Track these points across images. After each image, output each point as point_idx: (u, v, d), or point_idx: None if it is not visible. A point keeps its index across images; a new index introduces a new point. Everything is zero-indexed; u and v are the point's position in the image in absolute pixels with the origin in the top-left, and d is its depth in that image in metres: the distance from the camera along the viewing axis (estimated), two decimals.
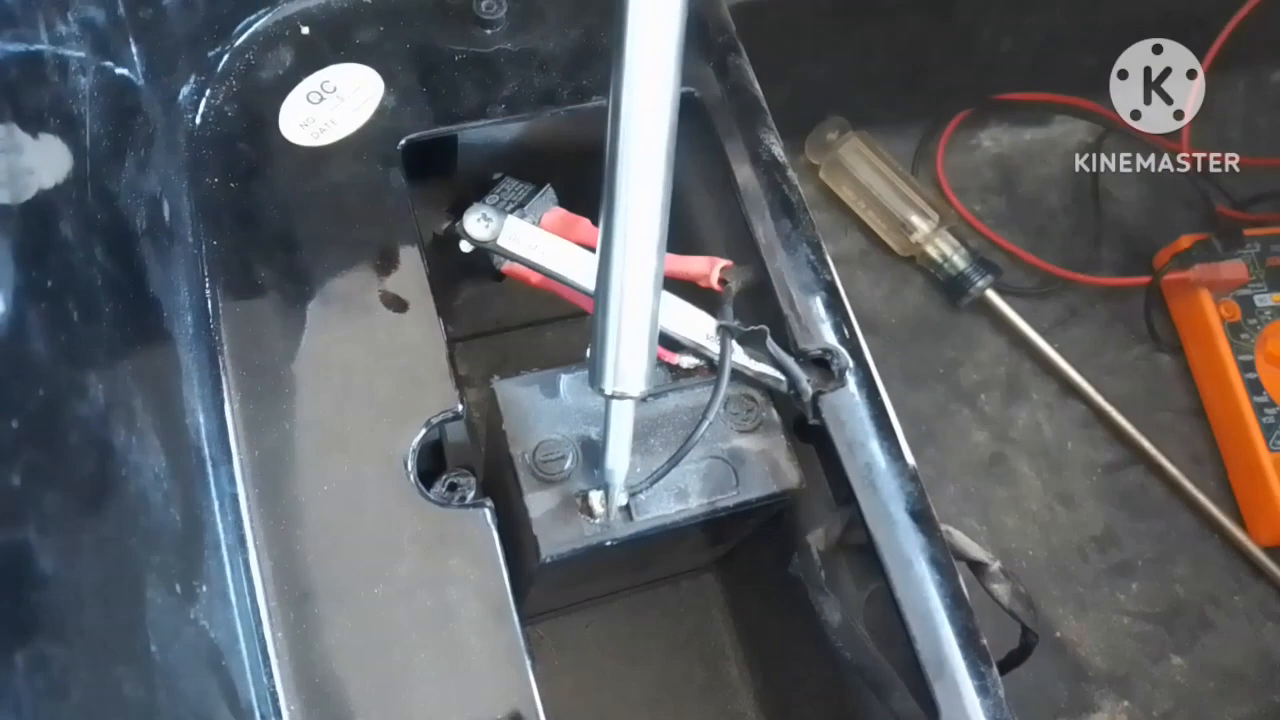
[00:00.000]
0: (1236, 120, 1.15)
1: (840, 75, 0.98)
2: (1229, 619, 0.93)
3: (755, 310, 0.58)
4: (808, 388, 0.54)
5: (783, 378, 0.55)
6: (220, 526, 0.46)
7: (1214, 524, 0.96)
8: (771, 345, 0.54)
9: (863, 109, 1.02)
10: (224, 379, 0.49)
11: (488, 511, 0.49)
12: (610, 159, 0.44)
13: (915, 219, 1.00)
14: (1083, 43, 0.98)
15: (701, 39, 0.64)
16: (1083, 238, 1.08)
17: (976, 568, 0.56)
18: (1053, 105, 1.08)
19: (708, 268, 0.55)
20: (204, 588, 0.43)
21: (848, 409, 0.55)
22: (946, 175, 1.07)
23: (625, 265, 0.45)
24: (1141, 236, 1.08)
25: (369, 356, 0.51)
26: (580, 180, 0.60)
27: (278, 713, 0.44)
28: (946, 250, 1.00)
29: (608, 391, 0.47)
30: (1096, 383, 0.99)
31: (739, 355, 0.54)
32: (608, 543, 0.51)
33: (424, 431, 0.50)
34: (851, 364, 0.56)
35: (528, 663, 0.47)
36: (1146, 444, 0.98)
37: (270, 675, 0.44)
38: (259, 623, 0.45)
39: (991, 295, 1.00)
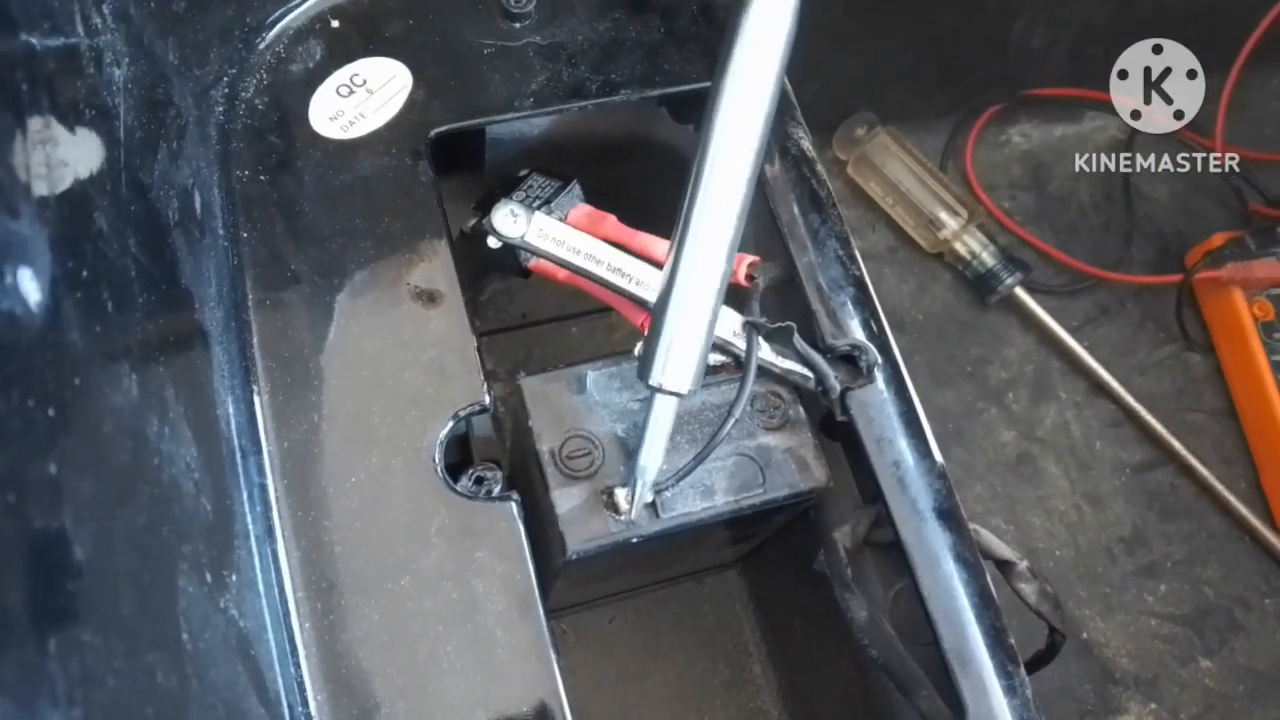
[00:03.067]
0: (1271, 117, 1.14)
1: (869, 70, 0.98)
2: (1259, 622, 0.92)
3: (783, 306, 0.58)
4: (835, 384, 0.54)
5: (810, 375, 0.54)
6: (249, 517, 0.47)
7: (1244, 525, 0.95)
8: (799, 342, 0.53)
9: (891, 104, 1.01)
10: (254, 370, 0.49)
11: (514, 505, 0.49)
12: (698, 166, 0.47)
13: (944, 215, 0.99)
14: (1115, 38, 0.97)
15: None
16: (1113, 235, 1.07)
17: (1004, 567, 0.55)
18: (1084, 101, 1.07)
19: (735, 263, 0.55)
20: (234, 577, 0.43)
21: (876, 406, 0.55)
22: (976, 171, 1.06)
23: (697, 268, 0.47)
24: (1173, 234, 1.07)
25: (397, 349, 0.51)
26: (606, 176, 0.60)
27: (304, 702, 0.44)
28: (975, 247, 0.99)
29: (654, 384, 0.47)
30: (1126, 382, 0.98)
31: (766, 352, 0.53)
32: (633, 540, 0.51)
33: (451, 424, 0.50)
34: (880, 360, 0.56)
35: (553, 656, 0.47)
36: (1176, 444, 0.97)
37: (297, 665, 0.45)
38: (287, 612, 0.45)
39: (1020, 293, 0.99)
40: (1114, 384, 0.98)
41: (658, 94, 0.60)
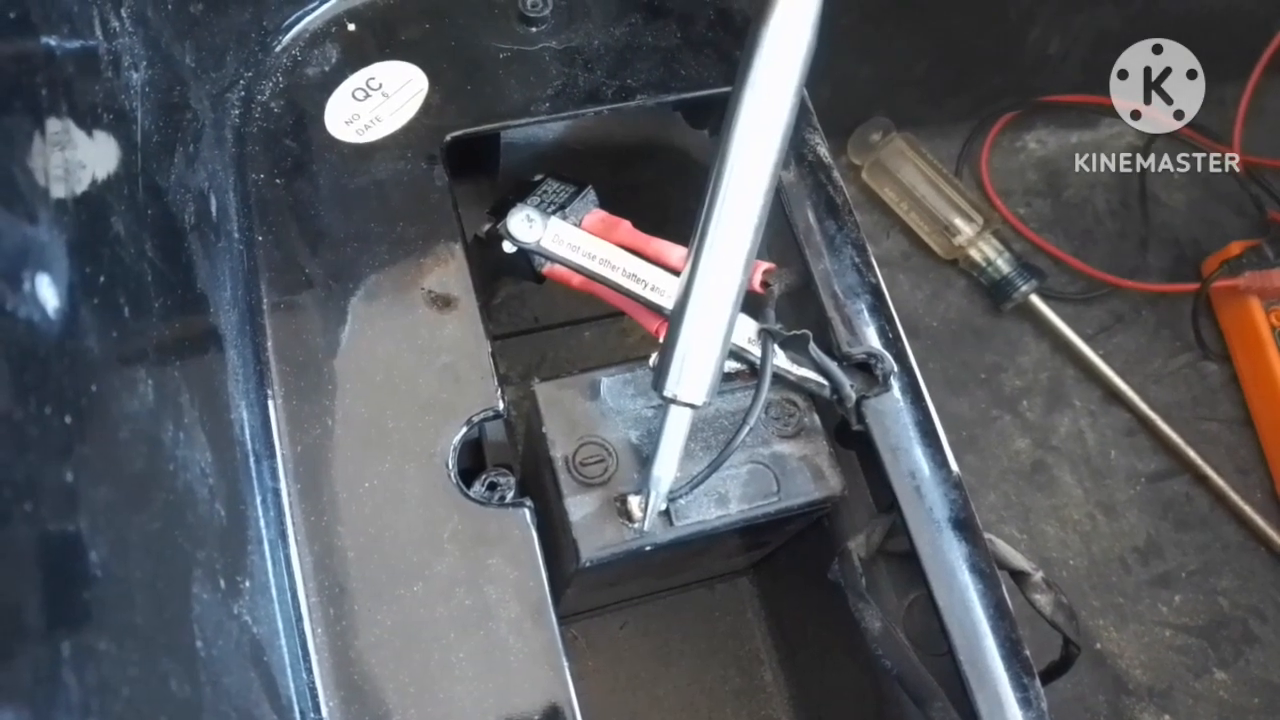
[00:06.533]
0: None
1: (884, 75, 0.98)
2: (1274, 633, 0.91)
3: (798, 313, 0.58)
4: (851, 393, 0.54)
5: (825, 383, 0.54)
6: (262, 522, 0.46)
7: (1260, 536, 0.94)
8: (814, 349, 0.53)
9: (907, 109, 1.01)
10: (268, 374, 0.49)
11: (527, 511, 0.49)
12: (716, 179, 0.48)
13: (959, 221, 0.99)
14: (1132, 44, 0.96)
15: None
16: (1129, 242, 1.06)
17: (1019, 577, 0.55)
18: (1100, 107, 1.06)
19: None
20: (247, 583, 0.43)
21: (892, 414, 0.54)
22: (991, 178, 1.05)
23: (714, 280, 0.47)
24: (1190, 241, 1.06)
25: (411, 353, 0.51)
26: (621, 181, 0.60)
27: (316, 708, 0.44)
28: (990, 254, 0.98)
29: (669, 395, 0.47)
30: (1141, 391, 0.98)
31: (781, 359, 0.53)
32: (647, 548, 0.51)
33: (465, 429, 0.50)
34: (896, 369, 0.55)
35: (565, 663, 0.47)
36: (1192, 454, 0.96)
37: (310, 671, 0.45)
38: (299, 618, 0.45)
39: (1035, 300, 0.99)
40: (1129, 392, 0.97)
41: (674, 99, 0.60)
